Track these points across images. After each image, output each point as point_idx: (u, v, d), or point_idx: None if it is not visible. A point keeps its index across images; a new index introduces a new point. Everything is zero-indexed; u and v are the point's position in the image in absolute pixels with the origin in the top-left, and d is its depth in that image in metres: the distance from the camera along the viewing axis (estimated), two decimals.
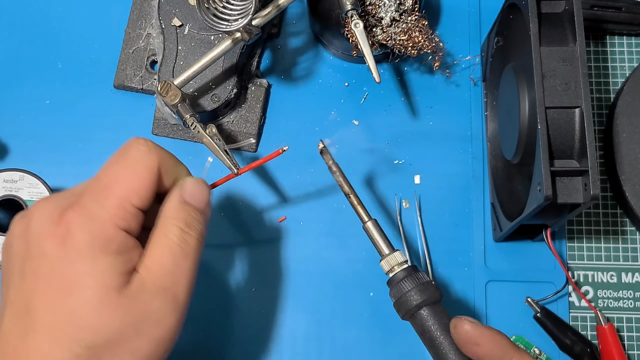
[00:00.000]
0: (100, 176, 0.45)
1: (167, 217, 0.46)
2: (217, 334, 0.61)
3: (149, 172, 0.45)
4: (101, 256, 0.42)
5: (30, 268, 0.43)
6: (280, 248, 0.63)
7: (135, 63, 0.65)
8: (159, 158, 0.46)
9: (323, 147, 0.52)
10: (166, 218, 0.46)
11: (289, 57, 0.68)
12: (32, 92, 0.66)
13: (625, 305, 0.63)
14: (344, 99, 0.66)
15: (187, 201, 0.47)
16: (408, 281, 0.49)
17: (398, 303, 0.50)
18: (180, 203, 0.46)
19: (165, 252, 0.45)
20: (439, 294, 0.49)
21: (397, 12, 0.59)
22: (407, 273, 0.50)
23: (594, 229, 0.64)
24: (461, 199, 0.64)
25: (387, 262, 0.51)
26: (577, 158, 0.53)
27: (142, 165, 0.45)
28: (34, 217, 0.44)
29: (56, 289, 0.42)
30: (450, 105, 0.66)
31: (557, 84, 0.53)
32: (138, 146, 0.46)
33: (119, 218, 0.43)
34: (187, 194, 0.47)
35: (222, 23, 0.56)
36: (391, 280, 0.50)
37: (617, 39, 0.68)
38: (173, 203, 0.46)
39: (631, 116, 0.63)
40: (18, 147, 0.65)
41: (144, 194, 0.45)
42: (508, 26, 0.60)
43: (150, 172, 0.45)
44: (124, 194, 0.44)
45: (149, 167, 0.45)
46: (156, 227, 0.46)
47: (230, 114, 0.65)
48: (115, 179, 0.44)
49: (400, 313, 0.50)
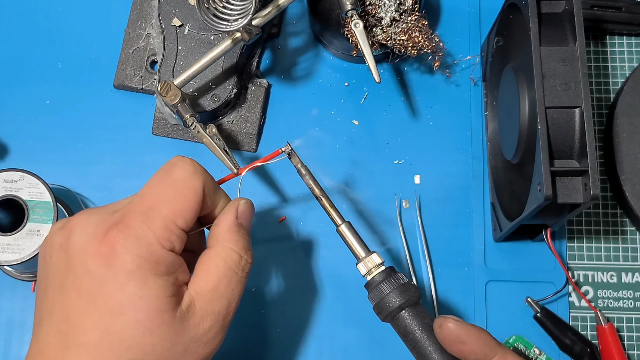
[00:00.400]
0: (145, 195, 0.45)
1: (225, 239, 0.46)
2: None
3: (194, 193, 0.45)
4: (152, 278, 0.42)
5: (71, 283, 0.43)
6: (280, 248, 0.63)
7: (135, 63, 0.65)
8: (203, 180, 0.46)
9: (290, 149, 0.51)
10: (224, 241, 0.46)
11: (289, 57, 0.68)
12: (32, 92, 0.66)
13: (625, 305, 0.63)
14: (344, 99, 0.66)
15: (242, 224, 0.47)
16: (387, 283, 0.48)
17: (378, 306, 0.48)
18: (238, 226, 0.47)
19: (220, 276, 0.45)
20: (418, 294, 0.48)
21: (397, 12, 0.59)
22: (385, 275, 0.48)
23: (594, 229, 0.64)
24: (461, 199, 0.64)
25: (364, 264, 0.49)
26: (577, 158, 0.53)
27: (187, 187, 0.45)
28: (75, 231, 0.44)
29: (103, 308, 0.42)
30: (450, 105, 0.66)
31: (557, 84, 0.53)
32: (184, 166, 0.46)
33: (164, 239, 0.43)
34: (242, 218, 0.47)
35: (222, 23, 0.56)
36: (369, 283, 0.49)
37: (617, 39, 0.68)
38: (230, 226, 0.46)
39: (631, 116, 0.63)
40: (18, 147, 0.65)
41: (189, 215, 0.44)
42: (508, 26, 0.60)
43: (195, 193, 0.45)
44: (170, 215, 0.44)
45: (194, 188, 0.45)
46: (211, 247, 0.46)
47: (230, 114, 0.65)
48: (160, 200, 0.44)
49: (380, 316, 0.49)
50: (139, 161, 0.65)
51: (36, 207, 0.56)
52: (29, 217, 0.56)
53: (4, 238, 0.56)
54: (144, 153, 0.65)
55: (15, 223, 0.57)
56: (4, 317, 0.62)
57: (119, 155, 0.65)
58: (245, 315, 0.62)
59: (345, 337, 0.61)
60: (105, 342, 0.42)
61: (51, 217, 0.56)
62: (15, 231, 0.56)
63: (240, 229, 0.47)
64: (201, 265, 0.46)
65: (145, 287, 0.42)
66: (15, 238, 0.56)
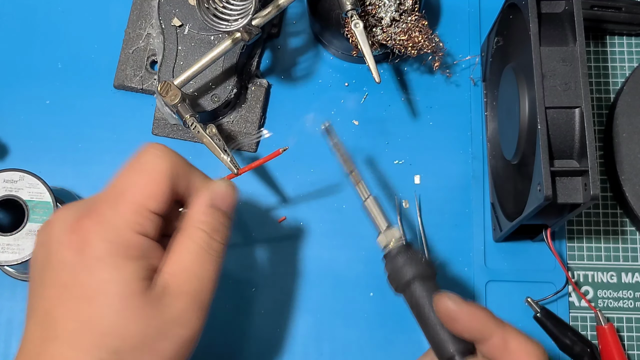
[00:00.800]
0: (115, 183, 0.45)
1: (194, 220, 0.46)
2: (217, 334, 0.61)
3: (163, 176, 0.45)
4: (122, 262, 0.43)
5: (49, 276, 0.43)
6: (280, 248, 0.63)
7: (135, 63, 0.65)
8: (172, 161, 0.46)
9: (328, 125, 0.53)
10: (193, 222, 0.46)
11: (289, 57, 0.68)
12: (32, 92, 0.66)
13: (625, 305, 0.63)
14: (344, 99, 0.66)
15: (216, 205, 0.47)
16: (403, 256, 0.50)
17: (392, 276, 0.50)
18: (208, 207, 0.46)
19: (191, 256, 0.45)
20: (432, 270, 0.50)
21: (397, 12, 0.59)
22: (402, 249, 0.50)
23: (594, 229, 0.64)
24: (461, 199, 0.64)
25: (385, 236, 0.51)
26: (577, 158, 0.53)
27: (155, 170, 0.45)
28: (54, 227, 0.44)
29: (77, 296, 0.42)
30: (450, 105, 0.66)
31: (557, 84, 0.53)
32: (152, 150, 0.46)
33: (135, 223, 0.44)
34: (216, 198, 0.47)
35: (222, 23, 0.56)
36: (387, 254, 0.51)
37: (617, 39, 0.68)
38: (201, 207, 0.46)
39: (631, 116, 0.63)
40: (18, 147, 0.65)
41: (160, 198, 0.45)
42: (508, 26, 0.60)
43: (165, 175, 0.45)
44: (139, 199, 0.44)
45: (162, 170, 0.45)
46: (181, 230, 0.46)
47: (230, 114, 0.65)
48: (129, 185, 0.45)
49: (393, 285, 0.50)
50: None
51: (36, 207, 0.56)
52: (29, 217, 0.56)
53: (4, 238, 0.56)
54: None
55: (16, 223, 0.57)
56: (4, 317, 0.62)
57: (119, 155, 0.64)
58: (246, 314, 0.62)
59: (345, 337, 0.61)
60: (81, 330, 0.42)
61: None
62: (15, 231, 0.56)
63: (212, 210, 0.46)
64: (172, 247, 0.46)
65: (116, 271, 0.42)
66: (15, 238, 0.56)
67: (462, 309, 0.46)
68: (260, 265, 0.63)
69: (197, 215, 0.46)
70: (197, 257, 0.45)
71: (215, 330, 0.61)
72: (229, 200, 0.47)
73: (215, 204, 0.47)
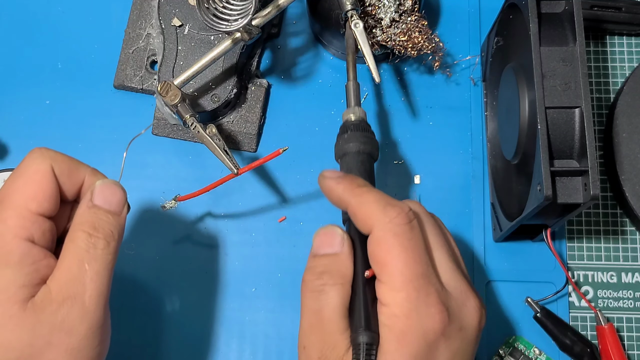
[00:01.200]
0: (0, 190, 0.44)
1: (74, 223, 0.45)
2: (217, 334, 0.61)
3: (41, 175, 0.44)
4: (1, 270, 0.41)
5: None
6: (280, 248, 0.63)
7: (135, 63, 0.65)
8: (51, 160, 0.45)
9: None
10: (74, 224, 0.45)
11: (289, 57, 0.68)
12: (32, 92, 0.66)
13: (625, 305, 0.63)
14: (344, 99, 0.66)
15: (96, 204, 0.45)
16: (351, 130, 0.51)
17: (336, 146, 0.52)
18: (88, 207, 0.45)
19: (72, 258, 0.43)
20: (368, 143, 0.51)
21: (397, 13, 0.59)
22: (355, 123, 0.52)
23: (594, 229, 0.64)
24: (461, 199, 0.64)
25: (347, 111, 0.53)
26: (577, 158, 0.53)
27: (35, 171, 0.44)
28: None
29: None
30: (450, 105, 0.66)
31: (557, 84, 0.53)
32: (31, 154, 0.45)
33: (18, 228, 0.42)
34: (95, 197, 0.45)
35: (222, 23, 0.56)
36: (342, 125, 0.53)
37: (617, 39, 0.68)
38: (81, 208, 0.45)
39: (631, 116, 0.63)
40: (18, 147, 0.65)
41: (42, 198, 0.44)
42: (508, 26, 0.60)
43: (43, 175, 0.44)
44: (20, 202, 0.43)
45: (40, 170, 0.44)
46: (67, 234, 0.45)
47: (230, 114, 0.65)
48: (12, 190, 0.44)
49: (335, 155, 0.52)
50: (139, 161, 0.65)
51: None
52: None
53: None
54: (144, 153, 0.65)
55: None
56: None
57: (119, 155, 0.65)
58: (245, 314, 0.62)
59: None
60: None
61: None
62: None
63: (92, 210, 0.45)
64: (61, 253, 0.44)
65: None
66: None
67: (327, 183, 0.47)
68: (260, 265, 0.63)
69: (77, 217, 0.45)
70: (76, 258, 0.43)
71: (215, 330, 0.61)
72: (111, 198, 0.46)
73: (96, 204, 0.45)
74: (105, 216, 0.45)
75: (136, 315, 0.62)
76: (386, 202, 0.44)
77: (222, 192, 0.64)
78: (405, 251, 0.42)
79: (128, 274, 0.62)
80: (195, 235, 0.63)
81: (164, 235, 0.63)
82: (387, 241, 0.42)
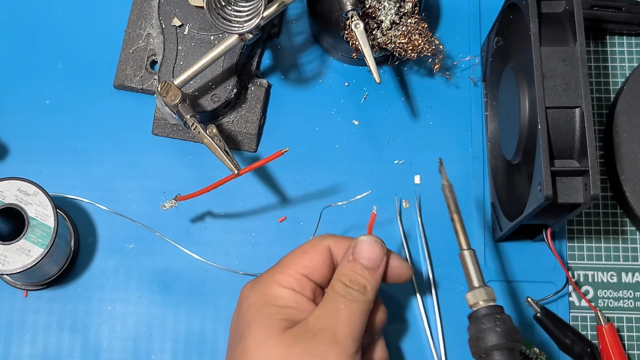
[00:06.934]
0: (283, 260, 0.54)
1: (336, 273, 0.52)
2: (217, 334, 0.61)
3: (319, 252, 0.52)
4: (266, 307, 0.50)
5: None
6: (280, 248, 0.63)
7: (135, 63, 0.65)
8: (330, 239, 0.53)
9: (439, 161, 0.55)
10: (335, 274, 0.52)
11: (289, 57, 0.68)
12: (32, 92, 0.66)
13: (625, 305, 0.63)
14: (344, 99, 0.66)
15: (355, 259, 0.51)
16: (489, 320, 0.47)
17: (472, 340, 0.48)
18: (348, 261, 0.52)
19: (329, 300, 0.50)
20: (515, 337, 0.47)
21: (397, 15, 0.59)
22: (490, 311, 0.48)
23: (594, 229, 0.64)
24: (461, 199, 0.64)
25: (474, 295, 0.49)
26: (577, 158, 0.53)
27: (310, 245, 0.53)
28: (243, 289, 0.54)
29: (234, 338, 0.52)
30: (450, 106, 0.66)
31: (557, 84, 0.53)
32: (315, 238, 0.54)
33: (282, 280, 0.51)
34: (355, 252, 0.52)
35: (234, 25, 0.56)
36: (473, 314, 0.49)
37: (617, 39, 0.68)
38: (343, 261, 0.52)
39: (631, 116, 0.63)
40: (18, 147, 0.65)
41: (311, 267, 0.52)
42: (508, 26, 0.60)
43: (318, 249, 0.53)
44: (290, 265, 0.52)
45: (315, 246, 0.53)
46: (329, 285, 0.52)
47: (230, 114, 0.65)
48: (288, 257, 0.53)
49: (471, 350, 0.48)
50: (139, 161, 0.65)
51: (37, 227, 0.55)
52: (26, 234, 0.55)
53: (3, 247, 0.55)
54: (144, 153, 0.65)
55: (11, 234, 0.56)
56: (4, 318, 0.61)
57: (119, 156, 0.65)
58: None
59: None
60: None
61: (47, 242, 0.55)
62: (7, 242, 0.55)
63: (349, 264, 0.51)
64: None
65: (259, 312, 0.50)
66: (5, 249, 0.55)
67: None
68: (260, 266, 0.63)
69: (339, 268, 0.52)
70: (333, 300, 0.50)
71: (215, 329, 0.61)
72: (368, 254, 0.52)
73: (355, 258, 0.52)
74: (360, 270, 0.51)
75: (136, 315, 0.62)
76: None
77: (222, 192, 0.63)
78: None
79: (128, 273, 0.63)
80: (195, 235, 0.63)
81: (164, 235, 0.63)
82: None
